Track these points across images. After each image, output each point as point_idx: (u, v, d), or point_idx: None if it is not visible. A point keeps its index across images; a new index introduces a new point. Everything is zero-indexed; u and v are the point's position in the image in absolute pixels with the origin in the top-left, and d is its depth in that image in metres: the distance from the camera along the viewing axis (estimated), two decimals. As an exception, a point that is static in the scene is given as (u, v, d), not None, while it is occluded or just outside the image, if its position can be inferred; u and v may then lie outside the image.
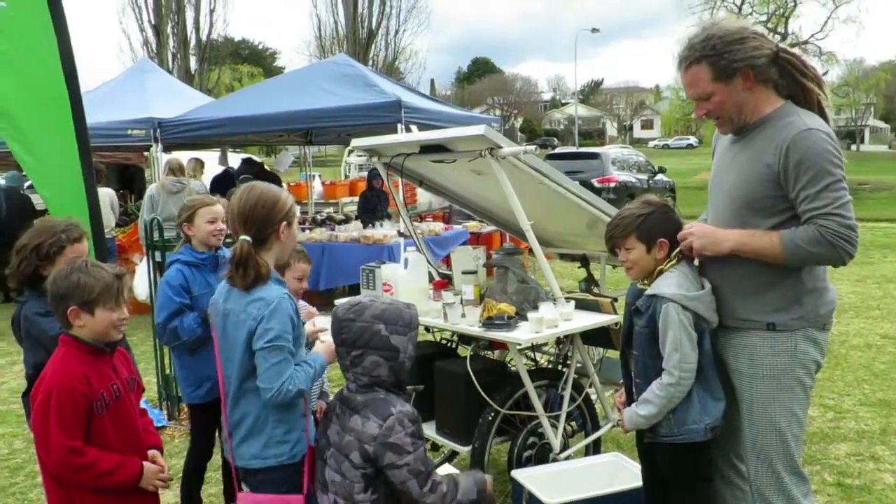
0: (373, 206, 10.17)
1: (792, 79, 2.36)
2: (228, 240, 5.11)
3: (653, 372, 2.44)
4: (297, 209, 2.54)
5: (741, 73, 2.31)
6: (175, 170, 8.33)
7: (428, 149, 3.47)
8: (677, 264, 2.48)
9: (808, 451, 4.08)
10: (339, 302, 2.59)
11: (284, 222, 2.37)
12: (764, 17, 32.37)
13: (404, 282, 3.59)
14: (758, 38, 2.32)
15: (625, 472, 3.02)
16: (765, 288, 2.37)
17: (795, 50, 2.47)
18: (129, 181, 14.48)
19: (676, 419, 2.42)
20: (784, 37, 32.43)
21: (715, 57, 2.29)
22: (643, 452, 2.65)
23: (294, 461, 2.32)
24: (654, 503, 2.65)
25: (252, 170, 9.40)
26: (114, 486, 2.21)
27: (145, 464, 2.30)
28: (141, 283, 5.37)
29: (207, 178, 9.98)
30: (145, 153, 10.87)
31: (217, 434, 3.43)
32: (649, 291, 2.46)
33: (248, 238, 2.30)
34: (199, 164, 8.83)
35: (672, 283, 2.42)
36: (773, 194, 2.31)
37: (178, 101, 10.38)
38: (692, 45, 2.33)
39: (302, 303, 3.20)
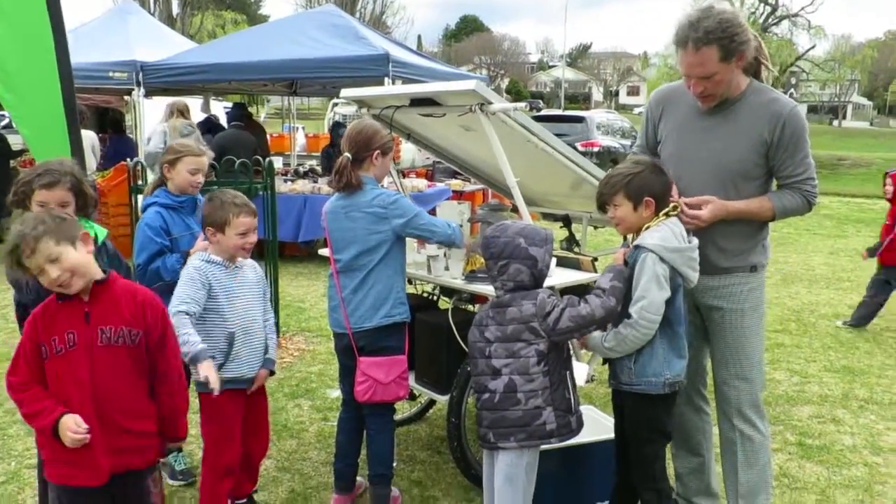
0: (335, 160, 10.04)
1: (755, 59, 2.66)
2: (210, 188, 5.11)
3: None
4: (393, 146, 3.13)
5: (737, 55, 2.52)
6: (183, 111, 8.24)
7: (418, 102, 3.47)
8: (666, 220, 2.55)
9: (773, 412, 4.24)
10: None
11: (378, 151, 3.00)
12: (756, -12, 32.15)
13: (389, 234, 3.63)
14: (744, 23, 2.58)
15: (597, 424, 3.13)
16: (752, 238, 2.75)
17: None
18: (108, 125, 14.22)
19: (637, 369, 2.53)
20: (775, 8, 32.34)
21: (726, 40, 2.49)
22: (616, 405, 2.76)
23: None
24: (622, 454, 2.75)
25: (243, 115, 9.26)
26: (37, 429, 2.21)
27: (66, 417, 2.14)
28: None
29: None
30: (126, 97, 10.67)
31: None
32: (635, 242, 2.55)
33: (348, 155, 2.97)
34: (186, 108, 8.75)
35: (656, 235, 2.50)
36: (760, 163, 2.66)
37: (161, 45, 10.19)
38: (705, 28, 2.48)
39: (250, 261, 3.00)
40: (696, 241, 2.58)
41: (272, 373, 3.05)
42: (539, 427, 2.49)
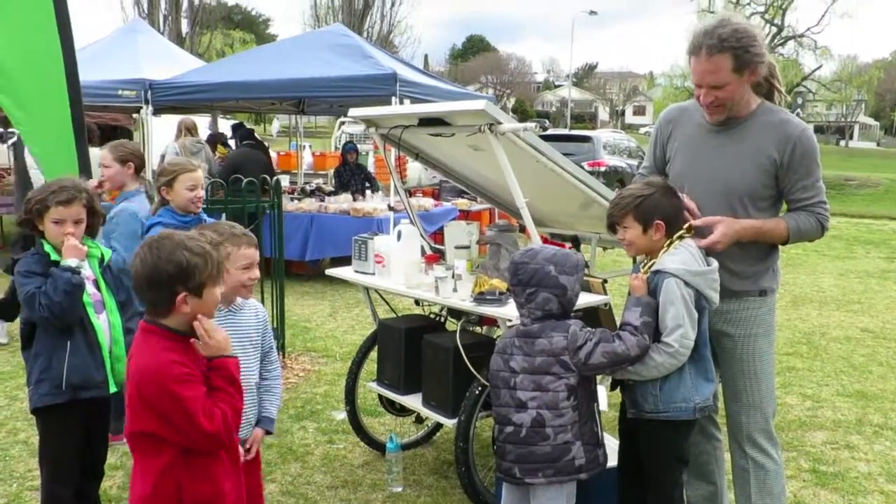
0: (346, 180, 10.21)
1: (767, 80, 2.64)
2: (217, 206, 5.09)
3: None
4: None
5: (750, 68, 2.49)
6: (191, 129, 8.39)
7: (426, 122, 3.45)
8: (681, 242, 2.50)
9: (786, 438, 4.16)
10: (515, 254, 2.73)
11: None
12: (762, 8, 32.30)
13: (397, 254, 3.60)
14: (759, 37, 2.54)
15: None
16: (763, 261, 2.70)
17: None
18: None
19: (663, 396, 2.45)
20: (780, 29, 32.44)
21: (740, 50, 2.46)
22: (624, 430, 2.69)
23: None
24: (627, 482, 2.68)
25: (252, 133, 9.46)
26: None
27: None
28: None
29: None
30: (135, 115, 10.73)
31: None
32: (655, 267, 2.48)
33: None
34: (194, 125, 8.89)
35: (677, 259, 2.44)
36: (769, 184, 2.61)
37: (170, 63, 10.24)
38: (720, 36, 2.45)
39: (252, 302, 2.58)
40: (715, 263, 2.52)
41: (269, 432, 2.56)
42: (568, 462, 2.42)
